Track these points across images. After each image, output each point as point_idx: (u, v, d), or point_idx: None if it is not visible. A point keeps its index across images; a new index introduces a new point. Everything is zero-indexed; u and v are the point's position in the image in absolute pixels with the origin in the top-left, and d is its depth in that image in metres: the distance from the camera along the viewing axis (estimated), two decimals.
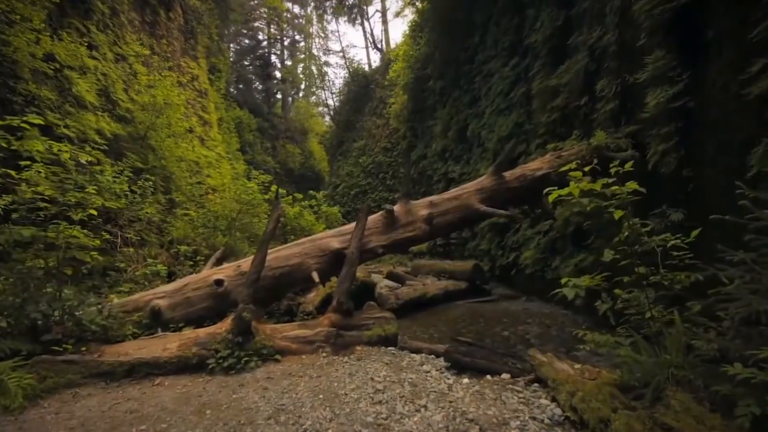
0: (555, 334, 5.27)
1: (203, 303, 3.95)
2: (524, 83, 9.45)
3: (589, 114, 6.54)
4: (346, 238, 4.25)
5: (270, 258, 4.16)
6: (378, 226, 4.43)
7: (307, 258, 4.17)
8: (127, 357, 3.11)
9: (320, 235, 4.35)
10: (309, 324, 3.80)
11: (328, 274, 4.30)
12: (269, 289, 4.07)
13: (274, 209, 3.81)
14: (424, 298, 7.30)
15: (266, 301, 4.26)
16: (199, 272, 4.48)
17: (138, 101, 10.30)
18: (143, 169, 9.40)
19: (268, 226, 3.80)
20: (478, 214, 4.52)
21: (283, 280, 4.09)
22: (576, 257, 6.38)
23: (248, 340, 3.33)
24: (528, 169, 4.85)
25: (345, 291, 3.97)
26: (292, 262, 4.13)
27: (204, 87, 17.58)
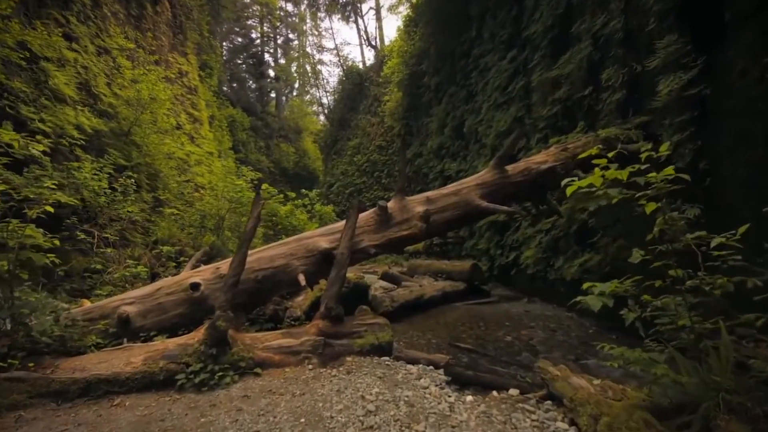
0: (561, 339, 4.93)
1: (177, 309, 3.56)
2: (523, 76, 9.12)
3: (594, 105, 6.21)
4: (335, 238, 3.89)
5: (252, 259, 3.79)
6: (370, 224, 4.06)
7: (293, 259, 3.80)
8: (83, 373, 2.72)
9: (308, 234, 3.99)
10: (294, 332, 3.43)
11: (316, 276, 3.93)
12: (251, 294, 3.70)
13: (254, 205, 3.44)
14: (421, 300, 6.95)
15: (248, 307, 3.88)
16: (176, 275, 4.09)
17: (122, 96, 9.86)
18: (126, 166, 8.98)
19: (248, 224, 3.43)
20: (478, 210, 4.16)
21: (267, 283, 3.71)
22: (581, 257, 6.05)
23: (224, 351, 2.95)
24: (532, 163, 4.50)
25: (334, 295, 3.60)
26: (276, 263, 3.76)
27: (194, 84, 17.13)
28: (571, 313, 6.41)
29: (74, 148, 7.47)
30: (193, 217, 8.60)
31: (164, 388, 2.80)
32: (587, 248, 6.14)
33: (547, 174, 4.33)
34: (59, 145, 7.15)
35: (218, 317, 2.91)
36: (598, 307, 2.29)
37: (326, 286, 3.68)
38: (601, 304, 2.31)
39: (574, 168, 4.46)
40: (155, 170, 10.15)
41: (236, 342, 3.09)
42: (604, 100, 5.90)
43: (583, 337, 5.07)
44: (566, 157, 4.47)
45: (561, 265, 6.68)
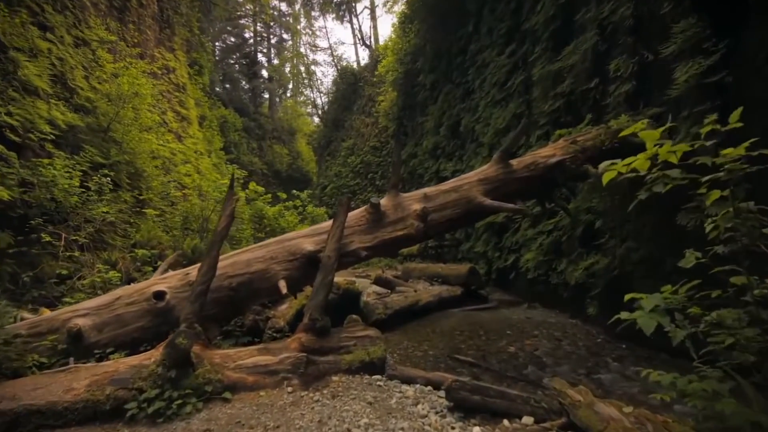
0: (569, 350, 4.52)
1: (139, 322, 3.10)
2: (523, 71, 8.75)
3: (601, 98, 5.83)
4: (322, 239, 3.45)
5: (226, 264, 3.34)
6: (361, 223, 3.63)
7: (273, 263, 3.35)
8: (11, 403, 2.25)
9: (290, 236, 3.55)
10: (272, 348, 2.98)
11: (300, 282, 3.49)
12: (224, 304, 3.25)
13: (226, 202, 3.00)
14: (416, 306, 6.53)
15: (222, 318, 3.43)
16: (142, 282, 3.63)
17: (101, 90, 9.36)
18: (104, 164, 8.47)
19: (220, 224, 2.98)
20: (481, 208, 3.74)
21: (243, 291, 3.27)
22: (586, 260, 5.65)
23: (186, 373, 2.50)
24: (539, 156, 4.10)
25: (319, 305, 3.16)
26: (253, 268, 3.32)
27: (182, 81, 16.61)
28: (575, 320, 6.02)
29: (44, 143, 6.96)
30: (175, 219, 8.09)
31: (111, 420, 2.34)
32: (593, 251, 5.75)
33: (556, 169, 3.93)
34: (27, 140, 6.64)
35: (178, 334, 2.45)
36: (651, 328, 1.84)
37: (310, 295, 3.24)
38: (655, 325, 1.84)
39: (584, 162, 4.07)
40: (136, 169, 9.63)
41: (202, 361, 2.64)
42: (612, 92, 5.51)
43: (592, 347, 4.67)
44: (575, 151, 4.08)
45: (564, 269, 6.29)
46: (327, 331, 3.17)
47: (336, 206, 16.49)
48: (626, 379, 3.72)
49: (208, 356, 2.73)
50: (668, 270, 4.55)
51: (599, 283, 5.32)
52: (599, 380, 3.65)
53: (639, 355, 4.34)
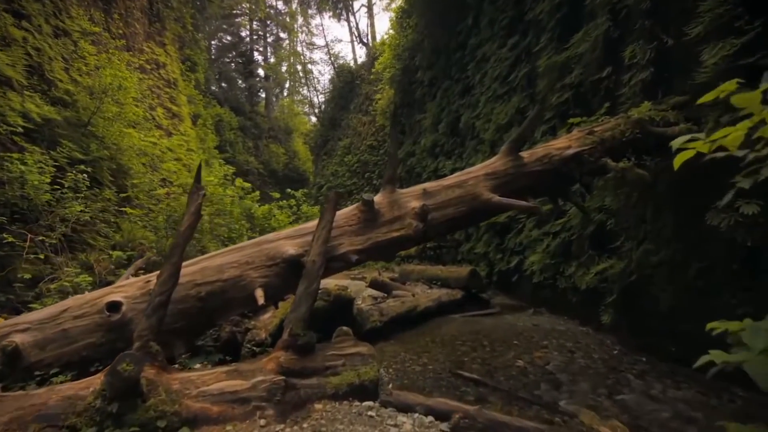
0: (583, 364, 4.07)
1: (89, 338, 2.64)
2: (526, 63, 8.32)
3: (614, 88, 5.40)
4: (306, 241, 3.00)
5: (194, 270, 2.88)
6: (352, 222, 3.17)
7: (249, 269, 2.90)
8: None
9: (270, 237, 3.09)
10: (244, 369, 2.52)
11: (280, 290, 3.04)
12: (191, 316, 2.79)
13: (191, 198, 2.54)
14: (414, 312, 6.09)
15: (189, 332, 2.97)
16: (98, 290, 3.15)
17: (82, 83, 8.88)
18: (84, 160, 7.98)
19: (183, 223, 2.52)
20: (488, 206, 3.29)
21: (213, 301, 2.81)
22: (599, 264, 5.21)
23: (132, 406, 2.05)
24: (553, 148, 3.65)
25: (301, 318, 2.70)
26: (226, 275, 2.87)
27: (173, 77, 16.11)
28: (585, 328, 5.59)
29: (14, 137, 6.47)
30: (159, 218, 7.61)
31: None
32: (605, 253, 5.32)
33: (572, 162, 3.49)
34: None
35: (122, 358, 1.99)
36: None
37: (291, 306, 2.78)
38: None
39: (602, 155, 3.62)
40: (120, 165, 9.15)
41: (156, 389, 2.18)
42: (627, 81, 5.07)
43: (609, 360, 4.23)
44: (593, 142, 3.64)
45: (573, 273, 5.85)
46: (310, 349, 2.71)
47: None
48: (653, 400, 3.27)
49: (164, 382, 2.26)
50: (693, 275, 4.14)
51: (614, 288, 4.88)
52: (623, 402, 3.21)
53: (661, 370, 3.91)
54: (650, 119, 3.89)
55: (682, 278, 4.21)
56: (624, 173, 3.46)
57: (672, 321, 4.27)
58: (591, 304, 5.49)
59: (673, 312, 4.25)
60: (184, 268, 2.91)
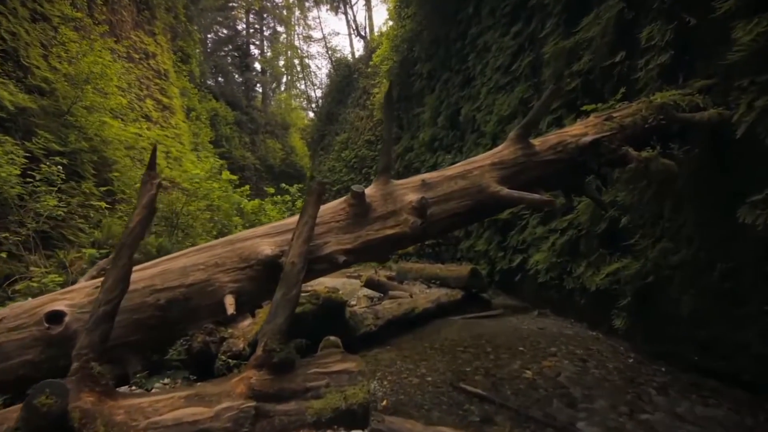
0: (598, 375, 3.68)
1: (25, 354, 2.23)
2: (530, 52, 7.89)
3: (628, 74, 4.99)
4: (286, 239, 2.59)
5: (152, 273, 2.46)
6: (339, 218, 2.76)
7: (219, 272, 2.49)
8: None
9: (244, 235, 2.67)
10: (208, 393, 2.12)
11: (255, 297, 2.62)
12: (150, 327, 2.37)
13: (143, 188, 2.12)
14: (412, 314, 5.70)
15: (147, 346, 2.56)
16: None
17: (62, 71, 8.41)
18: (63, 152, 7.54)
19: (133, 219, 2.11)
20: (495, 199, 2.88)
21: (175, 310, 2.40)
22: (612, 263, 4.82)
23: None
24: (568, 135, 3.24)
25: (278, 330, 2.30)
26: (191, 279, 2.45)
27: (163, 68, 15.61)
28: (595, 332, 5.21)
29: None
30: None
31: None
32: (618, 252, 4.93)
33: (589, 150, 3.07)
34: None
35: (41, 388, 1.58)
36: None
37: (267, 316, 2.38)
38: None
39: (622, 143, 3.22)
40: (104, 158, 8.70)
41: (93, 423, 1.77)
42: (643, 65, 4.66)
43: (625, 370, 3.84)
44: (612, 129, 3.23)
45: (582, 273, 5.46)
46: (289, 367, 2.31)
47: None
48: (681, 420, 2.89)
49: (106, 413, 1.86)
50: (718, 277, 3.75)
51: (628, 290, 4.49)
52: (648, 423, 2.82)
53: (684, 383, 3.52)
54: (675, 104, 3.48)
55: (705, 281, 3.82)
56: (648, 163, 3.06)
57: (693, 327, 3.88)
58: (601, 306, 5.11)
59: (695, 317, 3.87)
60: (141, 271, 2.50)
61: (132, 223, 2.13)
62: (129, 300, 2.37)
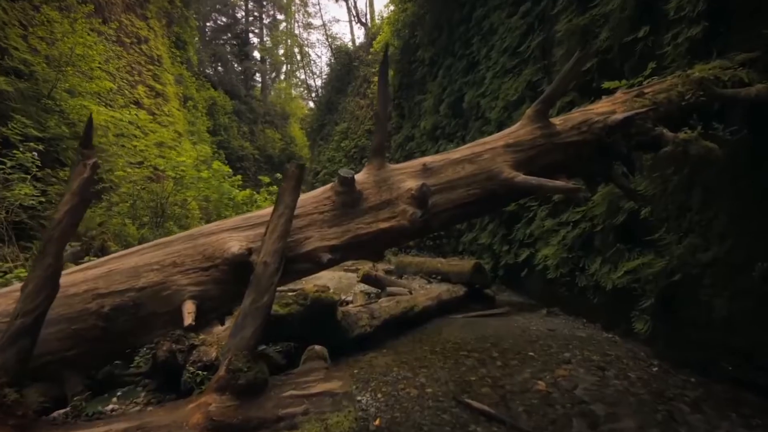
0: (620, 387, 3.26)
1: None
2: (540, 32, 7.37)
3: (652, 50, 4.51)
4: (259, 234, 2.16)
5: (96, 274, 2.04)
6: (324, 208, 2.33)
7: (177, 273, 2.07)
8: None
9: (209, 228, 2.23)
10: (154, 424, 1.71)
11: (222, 302, 2.19)
12: (92, 340, 1.96)
13: (74, 171, 1.68)
14: (411, 313, 5.28)
15: (88, 362, 2.15)
16: None
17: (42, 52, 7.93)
18: (42, 137, 7.10)
19: (59, 209, 1.68)
20: (509, 187, 2.45)
21: (122, 319, 1.98)
22: (632, 260, 4.38)
23: None
24: (594, 113, 2.79)
25: (245, 345, 1.88)
26: (142, 281, 2.03)
27: (156, 53, 15.07)
28: (610, 334, 4.80)
29: None
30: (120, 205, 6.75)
31: None
32: (638, 248, 4.50)
33: (618, 130, 2.62)
34: None
35: None
36: None
37: (232, 327, 1.96)
38: None
39: (655, 122, 2.76)
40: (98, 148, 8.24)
41: None
42: (670, 40, 4.18)
43: (649, 380, 3.43)
44: (644, 107, 2.77)
45: (597, 270, 5.03)
46: (258, 389, 1.89)
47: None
48: None
49: None
50: (758, 278, 3.31)
51: (651, 291, 4.06)
52: None
53: (720, 398, 3.11)
54: (716, 79, 3.01)
55: (742, 281, 3.39)
56: (686, 146, 2.60)
57: (728, 333, 3.45)
58: (618, 306, 4.69)
59: (730, 322, 3.44)
60: (84, 272, 2.08)
61: (59, 214, 1.69)
62: (68, 306, 1.96)
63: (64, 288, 1.96)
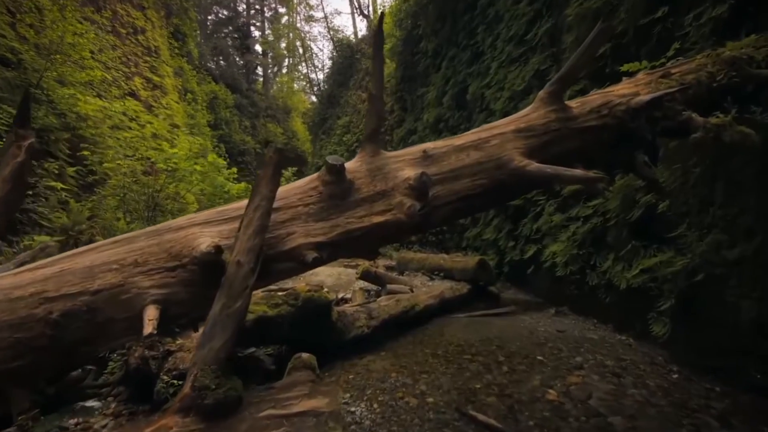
0: (639, 397, 2.98)
1: None
2: (549, 18, 7.03)
3: (672, 32, 4.19)
4: (234, 229, 1.89)
5: (45, 275, 1.76)
6: (310, 200, 2.05)
7: (138, 273, 1.80)
8: None
9: (178, 223, 1.95)
10: None
11: (191, 307, 1.91)
12: (40, 349, 1.69)
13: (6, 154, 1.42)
14: (411, 313, 5.02)
15: (37, 375, 1.89)
16: None
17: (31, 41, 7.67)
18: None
19: None
20: (519, 177, 2.16)
21: (74, 327, 1.71)
22: (649, 258, 4.09)
23: None
24: (614, 95, 2.49)
25: (214, 359, 1.61)
26: (98, 283, 1.77)
27: (154, 44, 14.78)
28: (624, 336, 4.52)
29: None
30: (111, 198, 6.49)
31: None
32: (654, 245, 4.20)
33: (643, 114, 2.32)
34: None
35: None
36: None
37: (200, 337, 1.69)
38: None
39: (683, 105, 2.46)
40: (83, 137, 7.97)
41: None
42: (692, 21, 3.86)
43: (670, 389, 3.15)
44: (670, 88, 2.46)
45: (610, 267, 4.74)
46: (230, 409, 1.63)
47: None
48: None
49: None
50: None
51: (670, 290, 3.76)
52: None
53: (750, 409, 2.83)
54: (749, 59, 2.70)
55: None
56: (719, 132, 2.30)
57: (757, 338, 3.17)
58: (632, 307, 4.41)
59: (760, 326, 3.16)
60: (32, 272, 1.81)
61: None
62: (10, 312, 1.69)
63: (8, 291, 1.71)
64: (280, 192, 1.94)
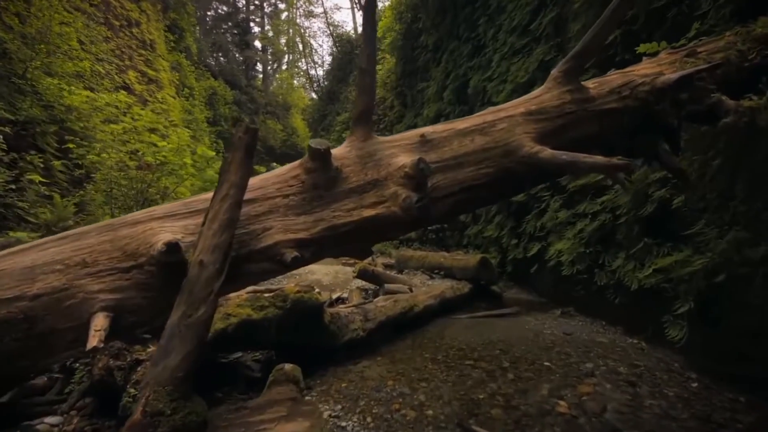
0: (659, 410, 2.72)
1: None
2: (553, 6, 6.74)
3: (689, 15, 3.91)
4: (198, 223, 1.63)
5: None
6: (290, 191, 1.78)
7: (86, 275, 1.55)
8: None
9: (135, 217, 1.68)
10: None
11: (152, 315, 1.67)
12: None
13: None
14: (410, 314, 4.76)
15: None
16: None
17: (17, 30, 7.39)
18: (15, 120, 6.58)
19: None
20: (530, 165, 1.89)
21: (11, 338, 1.47)
22: (665, 256, 3.81)
23: None
24: (636, 75, 2.22)
25: (170, 378, 1.35)
26: (37, 287, 1.51)
27: (149, 38, 14.48)
28: (635, 339, 4.25)
29: None
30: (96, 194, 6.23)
31: None
32: (669, 242, 3.94)
33: (674, 93, 2.04)
34: None
35: None
36: None
37: (154, 352, 1.43)
38: None
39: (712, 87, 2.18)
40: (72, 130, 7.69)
41: None
42: (711, 3, 3.59)
43: (691, 400, 2.88)
44: (696, 67, 2.19)
45: (620, 266, 4.47)
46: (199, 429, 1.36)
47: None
48: None
49: None
50: None
51: (687, 292, 3.50)
52: None
53: None
54: None
55: None
56: (753, 116, 2.03)
57: None
58: (644, 308, 4.15)
59: None
60: None
61: None
62: None
63: None
64: (255, 181, 1.67)
